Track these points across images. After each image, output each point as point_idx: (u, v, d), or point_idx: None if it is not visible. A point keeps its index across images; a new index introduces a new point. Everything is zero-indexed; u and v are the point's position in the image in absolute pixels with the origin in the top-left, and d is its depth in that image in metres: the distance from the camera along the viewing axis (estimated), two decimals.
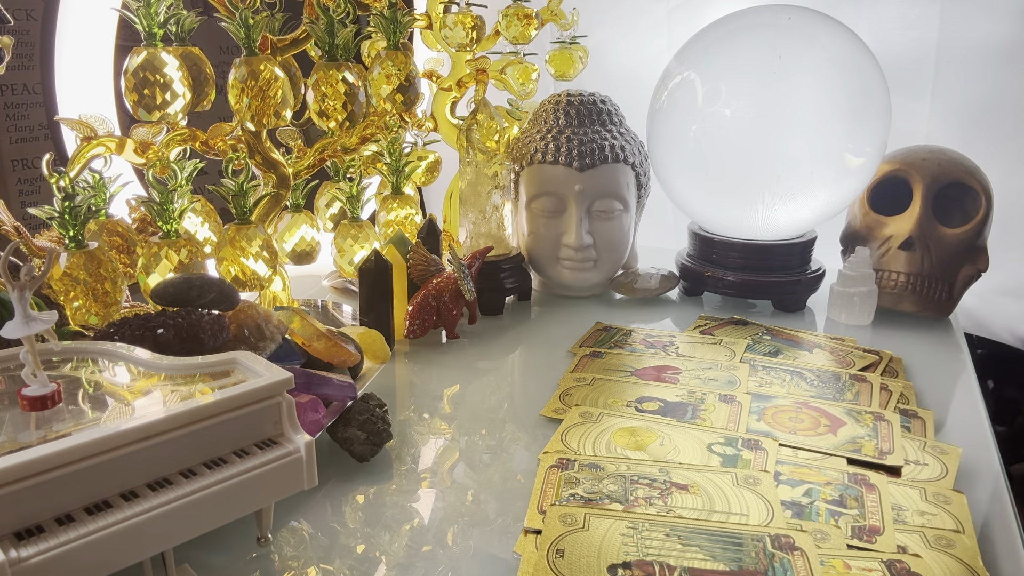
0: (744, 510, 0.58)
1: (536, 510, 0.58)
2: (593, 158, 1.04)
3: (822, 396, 0.78)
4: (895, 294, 1.01)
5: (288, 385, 0.49)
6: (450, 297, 0.94)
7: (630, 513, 0.57)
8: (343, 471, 0.66)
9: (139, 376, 0.52)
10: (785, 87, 0.94)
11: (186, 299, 0.64)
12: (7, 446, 0.41)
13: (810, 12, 0.98)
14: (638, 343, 0.93)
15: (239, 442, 0.48)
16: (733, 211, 1.03)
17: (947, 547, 0.54)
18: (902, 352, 0.89)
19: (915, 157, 1.01)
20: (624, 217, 1.07)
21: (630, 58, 1.45)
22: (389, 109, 0.89)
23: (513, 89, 1.19)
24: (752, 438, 0.69)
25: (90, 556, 0.39)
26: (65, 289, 0.70)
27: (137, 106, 0.81)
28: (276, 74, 0.80)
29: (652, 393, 0.79)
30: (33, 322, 0.46)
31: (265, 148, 0.86)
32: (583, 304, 1.11)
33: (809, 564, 0.51)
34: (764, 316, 1.04)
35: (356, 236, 1.03)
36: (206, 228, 0.92)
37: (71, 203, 0.70)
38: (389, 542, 0.56)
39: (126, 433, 0.42)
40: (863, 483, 0.61)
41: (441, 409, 0.78)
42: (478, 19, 1.06)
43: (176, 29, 0.84)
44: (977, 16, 1.19)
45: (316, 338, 0.72)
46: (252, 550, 0.55)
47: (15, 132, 1.02)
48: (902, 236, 1.00)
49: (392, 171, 1.08)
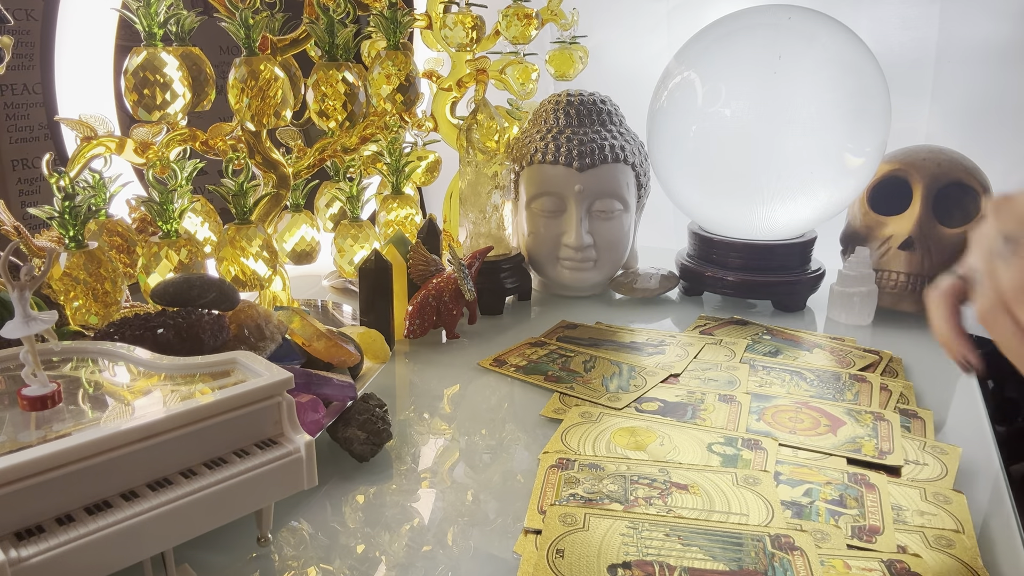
0: (744, 510, 0.58)
1: (536, 510, 0.58)
2: (593, 158, 1.04)
3: (822, 396, 0.78)
4: (895, 294, 1.01)
5: (288, 385, 0.49)
6: (450, 297, 0.94)
7: (630, 513, 0.57)
8: (343, 471, 0.66)
9: (139, 376, 0.52)
10: (785, 87, 0.94)
11: (186, 299, 0.64)
12: (7, 446, 0.41)
13: (810, 12, 0.98)
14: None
15: (239, 442, 0.48)
16: (733, 211, 1.03)
17: (947, 547, 0.54)
18: (902, 352, 0.89)
19: (915, 157, 1.01)
20: (624, 217, 1.07)
21: (630, 58, 1.45)
22: (389, 109, 0.89)
23: (513, 89, 1.19)
24: (752, 438, 0.69)
25: (90, 556, 0.39)
26: (65, 289, 0.70)
27: (137, 106, 0.81)
28: (276, 74, 0.80)
29: (652, 393, 0.79)
30: (33, 322, 0.46)
31: (265, 148, 0.86)
32: (583, 304, 1.11)
33: (809, 564, 0.51)
34: (764, 316, 1.04)
35: (356, 236, 1.03)
36: (206, 228, 0.92)
37: (71, 203, 0.70)
38: (389, 542, 0.56)
39: (126, 433, 0.42)
40: (863, 483, 0.61)
41: (441, 409, 0.78)
42: (478, 19, 1.06)
43: (176, 29, 0.84)
44: (977, 16, 1.19)
45: (316, 338, 0.72)
46: (252, 550, 0.55)
47: (15, 132, 1.02)
48: (902, 236, 1.00)
49: (392, 171, 1.08)
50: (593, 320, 1.02)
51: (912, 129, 1.25)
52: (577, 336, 0.95)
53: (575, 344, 0.92)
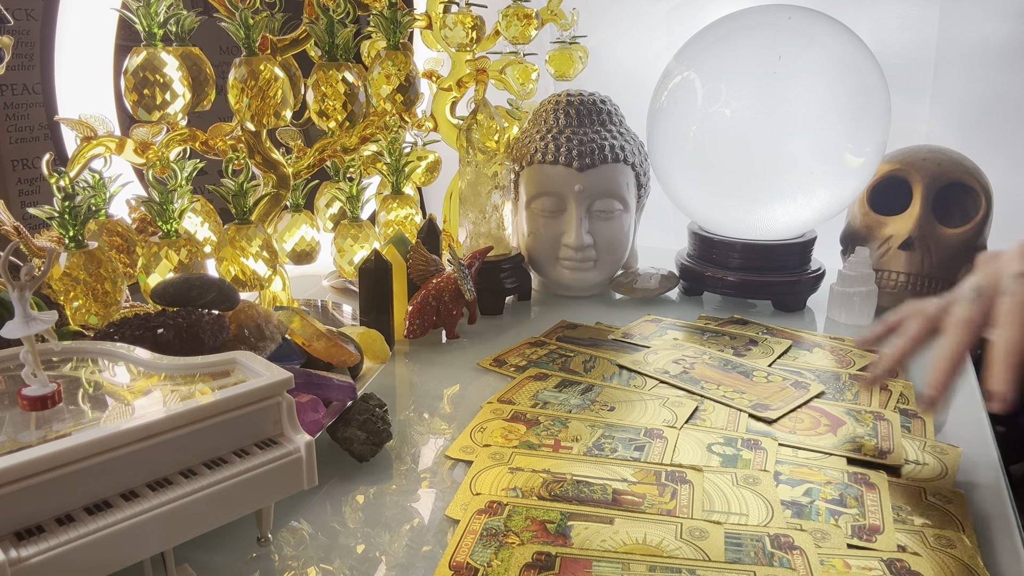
0: (744, 510, 0.58)
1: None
2: (593, 158, 1.04)
3: (822, 396, 0.78)
4: (895, 294, 1.01)
5: (288, 385, 0.49)
6: (450, 297, 0.94)
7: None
8: (343, 471, 0.66)
9: (139, 376, 0.52)
10: (785, 87, 0.94)
11: (186, 299, 0.64)
12: (7, 446, 0.41)
13: (810, 12, 0.98)
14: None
15: (239, 442, 0.48)
16: (733, 211, 1.04)
17: (947, 547, 0.54)
18: None
19: (915, 157, 1.02)
20: (624, 217, 1.07)
21: (630, 58, 1.46)
22: (389, 109, 0.89)
23: (513, 89, 1.19)
24: (752, 438, 0.69)
25: (90, 556, 0.39)
26: (65, 289, 0.70)
27: (137, 106, 0.81)
28: (276, 74, 0.80)
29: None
30: (33, 322, 0.46)
31: (265, 148, 0.86)
32: (583, 304, 1.11)
33: (809, 563, 0.51)
34: (764, 316, 1.04)
35: (356, 236, 1.03)
36: (206, 228, 0.92)
37: (71, 203, 0.70)
38: (389, 542, 0.56)
39: (126, 433, 0.42)
40: (863, 482, 0.61)
41: (441, 409, 0.78)
42: (478, 19, 1.06)
43: (176, 29, 0.84)
44: (977, 16, 1.19)
45: (316, 338, 0.72)
46: (252, 550, 0.55)
47: (15, 132, 1.02)
48: (902, 236, 1.00)
49: (392, 171, 1.08)
50: (593, 320, 1.02)
51: (912, 129, 1.25)
52: (577, 336, 0.95)
53: (575, 344, 0.92)
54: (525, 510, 0.56)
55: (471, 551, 0.52)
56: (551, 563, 0.50)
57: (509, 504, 0.57)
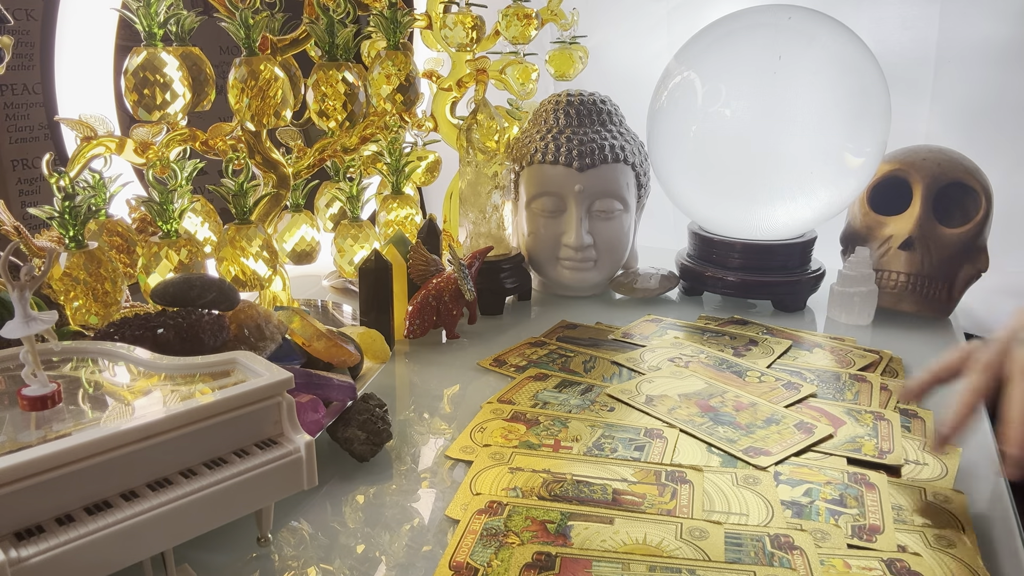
0: (744, 510, 0.58)
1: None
2: (593, 158, 1.04)
3: (822, 396, 0.78)
4: (895, 294, 1.01)
5: (288, 385, 0.49)
6: (450, 297, 0.94)
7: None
8: (343, 471, 0.66)
9: (139, 376, 0.52)
10: (785, 87, 0.94)
11: (186, 299, 0.64)
12: (7, 446, 0.41)
13: (810, 12, 0.98)
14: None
15: (239, 442, 0.48)
16: (733, 211, 1.03)
17: (947, 547, 0.54)
18: (902, 352, 0.89)
19: (915, 157, 1.01)
20: (624, 217, 1.07)
21: (630, 58, 1.45)
22: (389, 109, 0.89)
23: (513, 89, 1.19)
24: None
25: (90, 556, 0.39)
26: (65, 289, 0.70)
27: (137, 106, 0.81)
28: (276, 74, 0.80)
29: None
30: (33, 322, 0.46)
31: (265, 148, 0.86)
32: (583, 304, 1.11)
33: (809, 563, 0.51)
34: (764, 316, 1.04)
35: (356, 236, 1.03)
36: (206, 228, 0.92)
37: (71, 203, 0.70)
38: (389, 542, 0.56)
39: (126, 433, 0.42)
40: (863, 482, 0.61)
41: (441, 409, 0.78)
42: (478, 19, 1.06)
43: (176, 29, 0.84)
44: (977, 16, 1.19)
45: (316, 338, 0.72)
46: (252, 550, 0.55)
47: (15, 132, 1.02)
48: (902, 236, 1.00)
49: (392, 171, 1.08)
50: (593, 320, 1.02)
51: (912, 129, 1.25)
52: (577, 336, 0.95)
53: (575, 344, 0.92)
54: (525, 510, 0.56)
55: (471, 551, 0.52)
56: (551, 563, 0.50)
57: (509, 504, 0.57)
